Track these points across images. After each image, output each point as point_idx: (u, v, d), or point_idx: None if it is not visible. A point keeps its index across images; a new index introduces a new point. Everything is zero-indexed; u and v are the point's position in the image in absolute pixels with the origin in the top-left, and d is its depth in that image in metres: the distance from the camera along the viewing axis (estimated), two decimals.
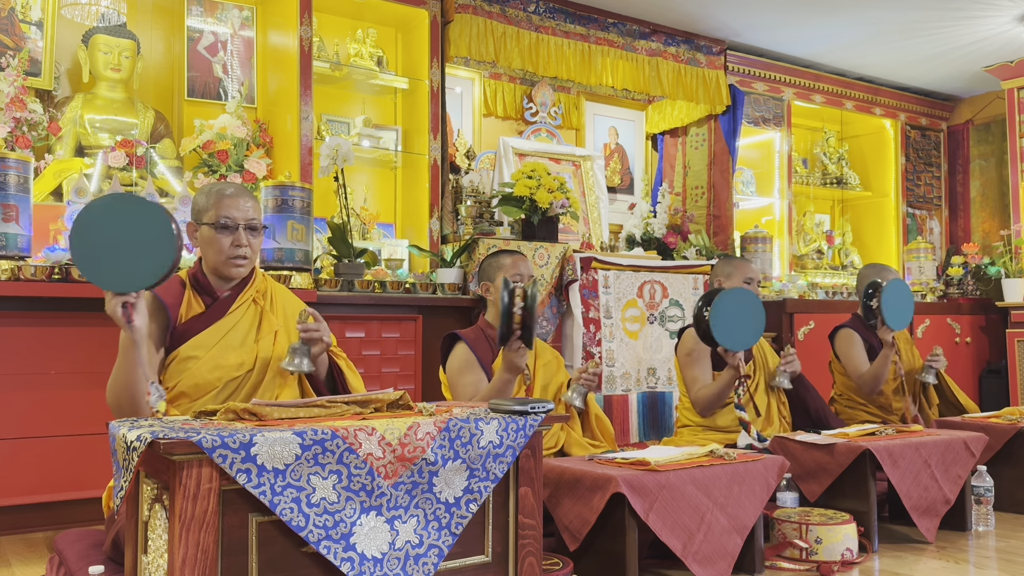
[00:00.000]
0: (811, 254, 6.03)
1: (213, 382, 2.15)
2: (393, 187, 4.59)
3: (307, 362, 2.16)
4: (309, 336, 2.17)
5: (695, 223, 5.44)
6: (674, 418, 4.02)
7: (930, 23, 5.10)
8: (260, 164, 3.77)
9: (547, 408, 1.87)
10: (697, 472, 2.33)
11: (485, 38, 4.42)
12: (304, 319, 2.17)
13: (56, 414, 3.10)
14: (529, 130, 5.16)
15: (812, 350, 4.98)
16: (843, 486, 2.80)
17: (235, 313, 2.24)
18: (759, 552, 2.45)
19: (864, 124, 6.44)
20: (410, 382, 3.89)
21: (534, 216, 4.33)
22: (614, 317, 4.39)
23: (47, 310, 3.10)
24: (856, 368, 3.75)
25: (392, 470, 1.65)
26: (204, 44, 4.07)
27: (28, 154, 3.22)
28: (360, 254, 3.93)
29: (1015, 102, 5.77)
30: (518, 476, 1.85)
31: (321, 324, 2.19)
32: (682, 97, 5.24)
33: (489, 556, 1.81)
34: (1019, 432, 3.30)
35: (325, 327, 2.21)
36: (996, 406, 5.26)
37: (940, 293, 6.13)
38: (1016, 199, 5.76)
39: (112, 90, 3.79)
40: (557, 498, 2.36)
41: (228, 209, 2.24)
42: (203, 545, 1.47)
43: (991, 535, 2.97)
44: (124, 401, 2.04)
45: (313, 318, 2.19)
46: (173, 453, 1.45)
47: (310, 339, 2.17)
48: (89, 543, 2.37)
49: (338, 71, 4.26)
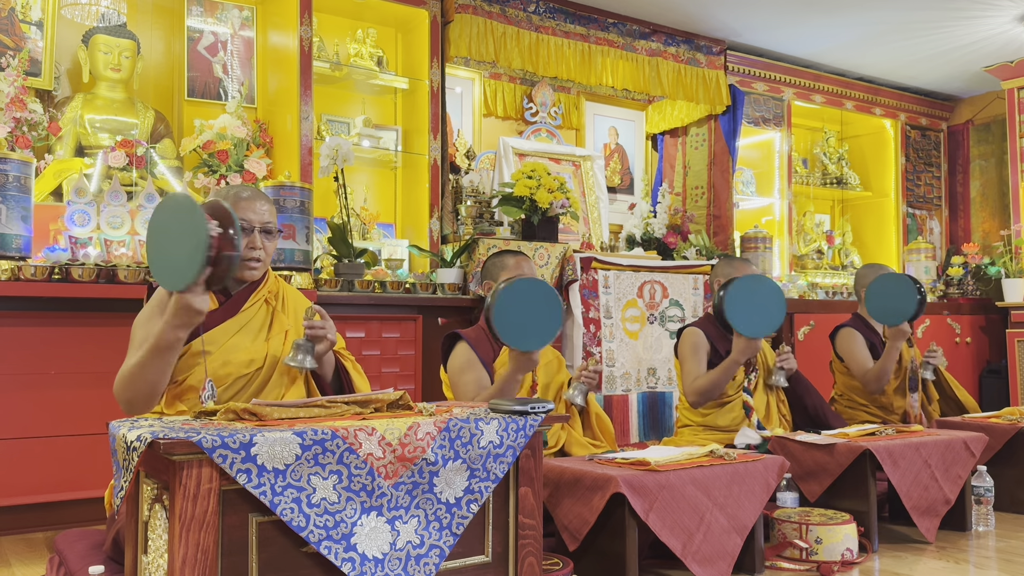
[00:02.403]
0: (811, 254, 6.03)
1: (223, 378, 2.16)
2: (393, 187, 4.59)
3: (310, 359, 2.16)
4: (314, 333, 2.17)
5: (695, 223, 5.44)
6: (674, 418, 4.02)
7: (930, 23, 5.10)
8: (260, 164, 3.77)
9: (547, 408, 1.87)
10: (697, 472, 2.33)
11: (485, 38, 4.42)
12: (310, 316, 2.18)
13: (56, 414, 3.10)
14: (529, 130, 5.16)
15: (812, 350, 4.98)
16: (843, 486, 2.80)
17: (247, 311, 2.26)
18: (759, 552, 2.45)
19: (864, 124, 6.45)
20: (410, 382, 3.89)
21: (534, 216, 4.33)
22: (614, 317, 4.39)
23: (47, 310, 3.10)
24: (860, 366, 3.74)
25: (392, 470, 1.65)
26: (204, 44, 4.07)
27: (28, 154, 3.22)
28: (360, 254, 3.93)
29: (1015, 102, 5.77)
30: (518, 476, 1.85)
31: (327, 322, 2.20)
32: (682, 97, 5.24)
33: (489, 556, 1.81)
34: (1019, 432, 3.30)
35: (331, 325, 2.22)
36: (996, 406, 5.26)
37: (940, 293, 6.14)
38: (1016, 199, 5.76)
39: (112, 90, 3.79)
40: (557, 498, 2.36)
41: (244, 212, 2.26)
42: (203, 545, 1.47)
43: (991, 535, 2.97)
44: (142, 397, 2.06)
45: (319, 315, 2.19)
46: (173, 453, 1.45)
47: (315, 336, 2.18)
48: (89, 543, 2.37)
49: (338, 71, 4.27)
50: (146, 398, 2.06)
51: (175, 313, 1.92)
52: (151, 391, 2.05)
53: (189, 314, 1.92)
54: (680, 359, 3.42)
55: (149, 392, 2.05)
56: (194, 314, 1.92)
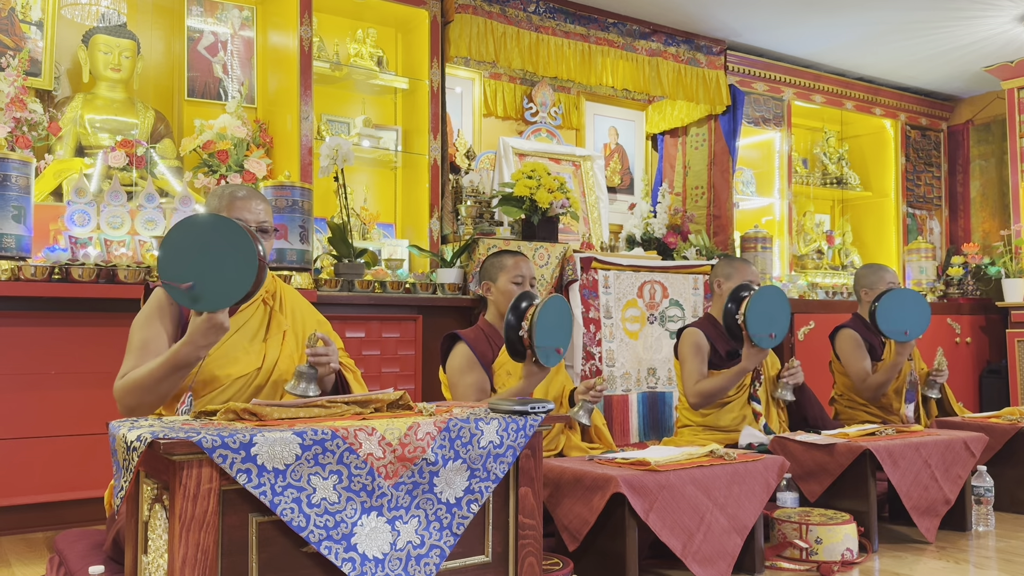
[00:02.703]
0: (811, 254, 6.03)
1: (222, 379, 2.16)
2: (393, 187, 4.59)
3: (313, 387, 2.10)
4: (317, 360, 2.13)
5: (695, 223, 5.44)
6: (674, 418, 4.02)
7: (930, 23, 5.10)
8: (260, 164, 3.77)
9: (547, 408, 1.87)
10: (697, 472, 2.33)
11: (485, 38, 4.42)
12: (313, 343, 2.13)
13: (56, 414, 3.10)
14: (529, 130, 5.16)
15: (812, 350, 4.98)
16: (843, 486, 2.80)
17: (245, 312, 2.25)
18: (759, 552, 2.45)
19: (864, 124, 6.44)
20: (410, 382, 3.89)
21: (534, 216, 4.33)
22: (614, 317, 4.39)
23: (47, 310, 3.10)
24: (858, 369, 3.74)
25: (392, 470, 1.65)
26: (204, 44, 4.07)
27: (28, 154, 3.22)
28: (360, 254, 3.93)
29: (1015, 102, 5.77)
30: (518, 476, 1.85)
31: (331, 348, 2.16)
32: (682, 97, 5.24)
33: (489, 556, 1.81)
34: (1019, 432, 3.30)
35: (335, 352, 2.18)
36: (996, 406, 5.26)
37: (940, 293, 6.13)
38: (1016, 199, 5.76)
39: (112, 90, 3.79)
40: (557, 498, 2.37)
41: (240, 211, 2.25)
42: (203, 545, 1.47)
43: (991, 535, 2.97)
44: (147, 406, 2.05)
45: (323, 342, 2.16)
46: (173, 453, 1.45)
47: (318, 363, 2.13)
48: (89, 543, 2.37)
49: (338, 71, 4.27)
50: (151, 407, 2.07)
51: (205, 333, 1.90)
52: (158, 402, 2.06)
53: (219, 333, 1.91)
54: (680, 360, 3.42)
55: (156, 402, 2.06)
56: (223, 332, 1.92)
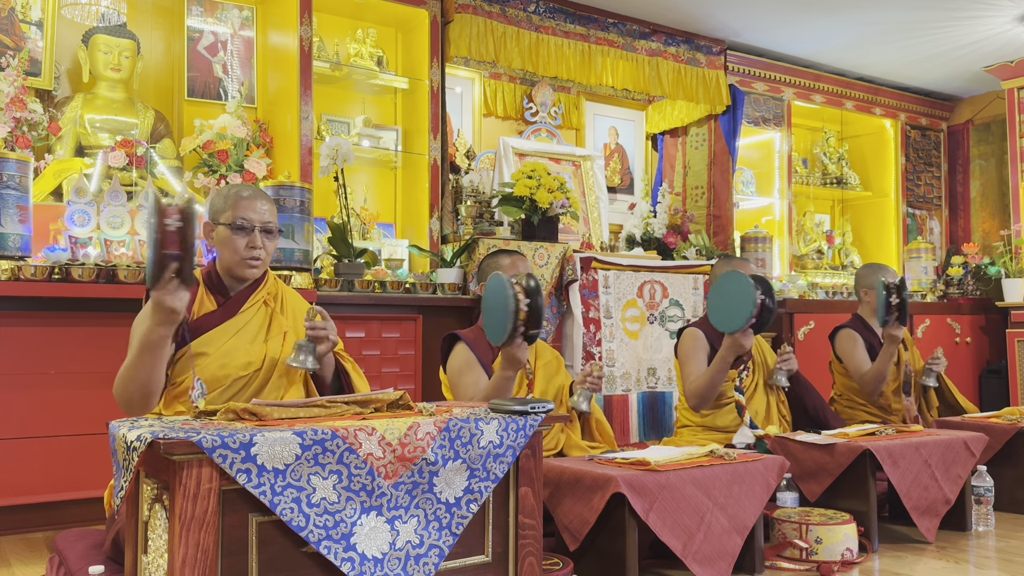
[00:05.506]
0: (811, 254, 6.03)
1: (221, 379, 2.16)
2: (393, 187, 4.59)
3: (312, 359, 2.17)
4: (316, 334, 2.18)
5: (695, 223, 5.44)
6: (674, 418, 4.02)
7: (930, 23, 5.10)
8: (260, 164, 3.77)
9: (547, 408, 1.87)
10: (697, 472, 2.33)
11: (485, 38, 4.42)
12: (312, 317, 2.18)
13: (56, 414, 3.10)
14: (529, 130, 5.16)
15: (812, 350, 4.98)
16: (843, 486, 2.80)
17: (246, 312, 2.26)
18: (759, 552, 2.45)
19: (864, 124, 6.44)
20: (410, 382, 3.89)
21: (534, 216, 4.33)
22: (614, 317, 4.39)
23: (47, 310, 3.10)
24: (857, 368, 3.74)
25: (392, 470, 1.65)
26: (204, 44, 4.07)
27: (28, 154, 3.22)
28: (360, 254, 3.93)
29: (1015, 102, 5.77)
30: (518, 476, 1.85)
31: (328, 323, 2.21)
32: (682, 97, 5.24)
33: (489, 556, 1.81)
34: (1019, 432, 3.30)
35: (332, 326, 2.22)
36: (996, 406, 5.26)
37: (940, 293, 6.13)
38: (1016, 199, 5.76)
39: (112, 90, 3.79)
40: (557, 498, 2.36)
41: (245, 211, 2.26)
42: (203, 545, 1.47)
43: (991, 535, 2.97)
44: (137, 397, 2.06)
45: (321, 316, 2.20)
46: (173, 453, 1.46)
47: (316, 337, 2.18)
48: (89, 543, 2.37)
49: (338, 71, 4.26)
50: (141, 398, 2.06)
51: (152, 312, 1.95)
52: (144, 391, 2.05)
53: (163, 312, 1.92)
54: (680, 360, 3.42)
55: (143, 392, 2.05)
56: (168, 312, 1.92)
